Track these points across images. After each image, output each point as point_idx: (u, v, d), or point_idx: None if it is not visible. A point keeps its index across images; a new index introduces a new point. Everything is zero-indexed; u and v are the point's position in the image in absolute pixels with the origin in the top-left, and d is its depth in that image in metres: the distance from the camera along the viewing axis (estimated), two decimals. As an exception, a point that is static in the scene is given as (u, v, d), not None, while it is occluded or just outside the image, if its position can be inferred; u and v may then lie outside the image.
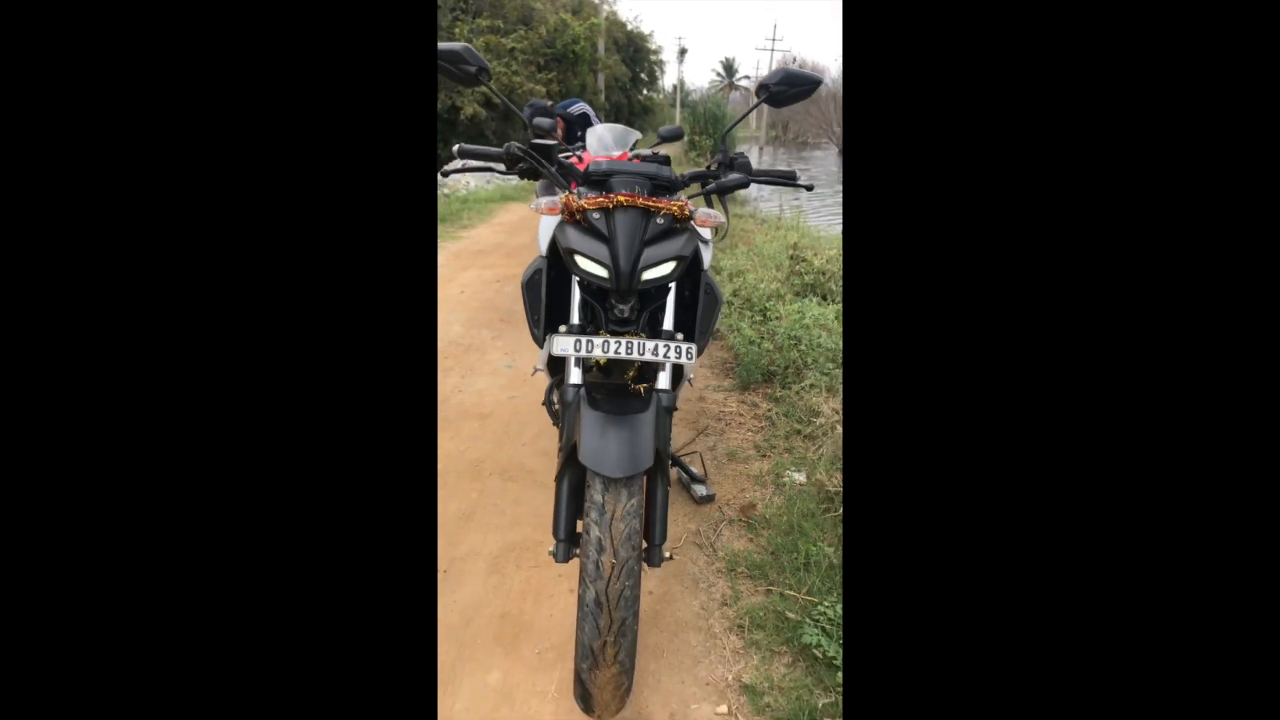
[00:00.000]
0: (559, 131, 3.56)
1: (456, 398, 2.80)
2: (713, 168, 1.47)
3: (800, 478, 2.13)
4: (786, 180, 1.49)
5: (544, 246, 1.45)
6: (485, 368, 3.13)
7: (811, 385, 2.65)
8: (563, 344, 1.22)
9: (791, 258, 4.09)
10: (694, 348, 1.26)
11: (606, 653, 1.10)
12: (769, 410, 2.67)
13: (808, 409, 2.51)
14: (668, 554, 1.30)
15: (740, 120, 1.60)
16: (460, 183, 10.38)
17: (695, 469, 2.18)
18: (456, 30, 12.51)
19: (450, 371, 3.07)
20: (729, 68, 53.47)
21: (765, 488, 2.15)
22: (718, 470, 2.27)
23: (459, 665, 1.45)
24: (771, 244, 4.62)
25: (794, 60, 44.81)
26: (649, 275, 1.23)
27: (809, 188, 1.56)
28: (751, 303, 3.48)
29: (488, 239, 6.30)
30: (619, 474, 1.11)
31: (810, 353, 2.90)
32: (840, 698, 1.35)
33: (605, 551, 1.09)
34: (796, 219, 5.37)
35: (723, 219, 1.39)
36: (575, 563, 1.25)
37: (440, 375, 3.01)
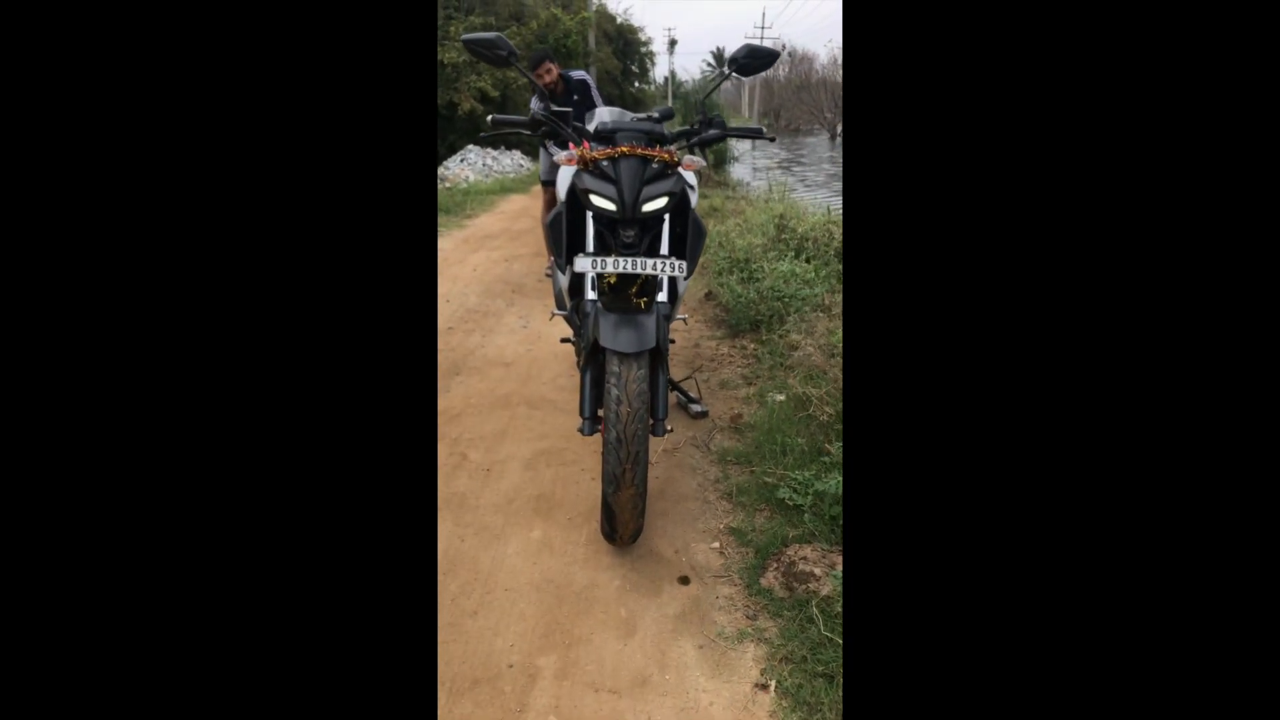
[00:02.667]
0: (554, 74, 3.81)
1: (481, 351, 3.18)
2: (695, 126, 1.85)
3: (781, 397, 2.50)
4: (755, 134, 1.87)
5: (563, 194, 1.83)
6: (503, 328, 3.52)
7: (792, 329, 3.03)
8: (583, 264, 1.60)
9: (778, 226, 4.47)
10: (684, 264, 1.64)
11: (625, 476, 1.48)
12: (755, 350, 3.06)
13: (788, 346, 2.89)
14: (669, 427, 1.67)
15: (713, 89, 1.98)
16: (460, 175, 10.76)
17: (692, 393, 2.56)
18: (451, 29, 12.78)
19: (472, 332, 3.45)
20: (720, 58, 53.80)
21: (751, 405, 2.54)
22: (711, 396, 2.65)
23: (507, 528, 1.84)
24: (759, 216, 5.01)
25: (784, 48, 45.12)
26: (648, 207, 1.61)
27: (772, 139, 1.94)
28: (737, 262, 3.88)
29: (492, 226, 6.68)
30: (630, 350, 1.49)
31: (793, 302, 3.27)
32: (807, 530, 1.74)
33: (622, 403, 1.47)
34: (783, 194, 5.77)
35: (703, 163, 1.77)
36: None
37: (462, 336, 3.39)
